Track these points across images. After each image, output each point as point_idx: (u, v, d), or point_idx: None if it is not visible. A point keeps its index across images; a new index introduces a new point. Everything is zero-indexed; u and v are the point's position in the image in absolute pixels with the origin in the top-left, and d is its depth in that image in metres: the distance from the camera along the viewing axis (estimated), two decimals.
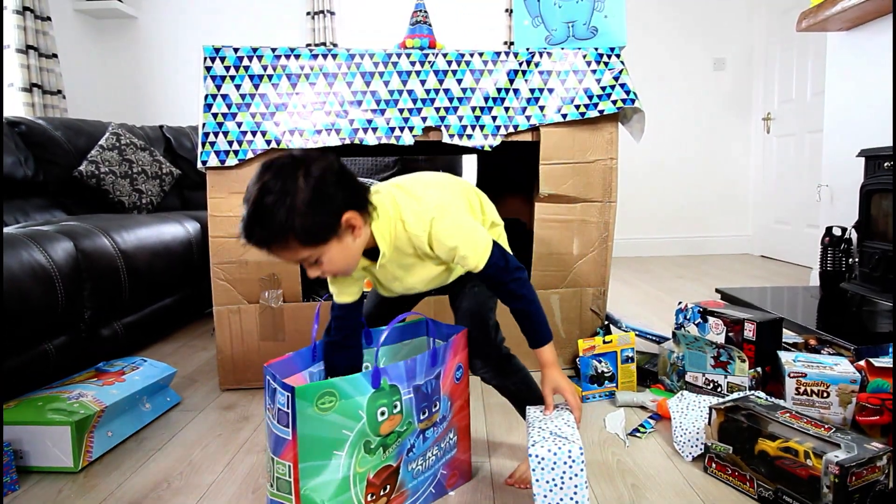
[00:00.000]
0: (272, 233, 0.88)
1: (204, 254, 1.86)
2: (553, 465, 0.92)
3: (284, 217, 0.86)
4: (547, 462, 0.92)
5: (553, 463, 0.92)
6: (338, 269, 0.97)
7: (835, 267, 2.37)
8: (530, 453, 0.93)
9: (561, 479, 0.92)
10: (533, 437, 0.96)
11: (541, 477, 0.92)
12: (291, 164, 0.90)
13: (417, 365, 1.00)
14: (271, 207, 0.86)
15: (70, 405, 1.27)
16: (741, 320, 1.48)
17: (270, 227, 0.87)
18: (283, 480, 0.86)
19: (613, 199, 1.73)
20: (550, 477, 0.92)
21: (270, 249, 0.90)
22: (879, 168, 2.01)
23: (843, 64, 2.67)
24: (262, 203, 0.87)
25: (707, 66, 4.08)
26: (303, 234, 0.88)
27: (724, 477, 1.14)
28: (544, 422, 1.02)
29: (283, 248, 0.90)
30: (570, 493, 0.93)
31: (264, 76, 1.60)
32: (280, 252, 0.91)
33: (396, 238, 1.01)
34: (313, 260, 0.93)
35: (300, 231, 0.88)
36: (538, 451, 0.92)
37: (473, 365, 1.15)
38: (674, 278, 3.29)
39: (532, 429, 1.00)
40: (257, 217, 0.88)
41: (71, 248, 1.62)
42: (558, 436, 0.96)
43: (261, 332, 1.67)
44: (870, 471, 0.95)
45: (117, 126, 2.67)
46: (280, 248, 0.90)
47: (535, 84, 1.68)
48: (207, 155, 1.59)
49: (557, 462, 0.92)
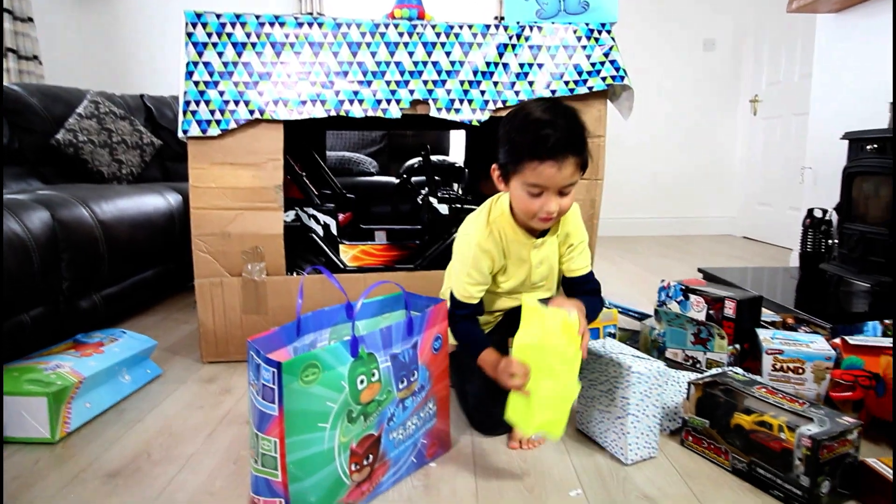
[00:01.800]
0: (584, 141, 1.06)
1: (185, 226, 1.83)
2: (647, 379, 1.10)
3: (586, 134, 1.07)
4: (642, 376, 1.09)
5: (647, 377, 1.10)
6: (566, 208, 1.11)
7: (815, 248, 2.40)
8: (632, 371, 1.08)
9: (650, 389, 1.11)
10: (626, 361, 1.11)
11: (637, 390, 1.10)
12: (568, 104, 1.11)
13: (393, 333, 1.00)
14: (581, 123, 1.07)
15: (47, 376, 1.25)
16: (722, 298, 1.50)
17: (583, 136, 1.06)
18: (268, 456, 0.86)
19: (600, 177, 1.73)
20: (643, 388, 1.10)
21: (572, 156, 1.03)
22: (862, 151, 2.03)
23: (831, 46, 2.68)
24: (575, 115, 1.08)
25: (697, 46, 4.07)
26: (586, 159, 1.08)
27: (700, 450, 1.16)
28: (613, 348, 1.18)
29: (576, 161, 1.05)
30: (653, 400, 1.12)
31: (248, 44, 1.56)
32: (570, 163, 1.03)
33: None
34: (568, 189, 1.08)
35: (586, 153, 1.07)
36: (639, 369, 1.09)
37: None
38: (657, 258, 3.32)
39: (614, 356, 1.14)
40: (573, 124, 1.06)
41: (48, 217, 1.58)
42: (640, 357, 1.14)
43: (243, 305, 1.66)
44: (840, 444, 0.97)
45: (96, 94, 2.60)
46: (576, 158, 1.04)
47: (524, 59, 1.66)
48: (188, 124, 1.55)
49: (650, 376, 1.10)
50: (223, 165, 1.60)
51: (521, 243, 1.18)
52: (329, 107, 1.59)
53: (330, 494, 0.92)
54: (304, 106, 1.59)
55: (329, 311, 1.08)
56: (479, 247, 1.16)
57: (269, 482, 0.87)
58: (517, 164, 1.06)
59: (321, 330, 1.07)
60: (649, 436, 1.14)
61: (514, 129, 1.07)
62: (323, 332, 1.07)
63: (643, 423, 1.13)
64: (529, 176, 1.05)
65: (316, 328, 1.06)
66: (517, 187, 1.09)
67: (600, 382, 1.18)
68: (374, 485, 1.01)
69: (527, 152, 1.03)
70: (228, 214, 1.62)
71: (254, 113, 1.57)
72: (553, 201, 1.06)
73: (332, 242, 1.87)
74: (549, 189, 1.06)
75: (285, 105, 1.58)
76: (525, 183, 1.07)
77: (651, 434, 1.14)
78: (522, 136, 1.05)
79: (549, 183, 1.04)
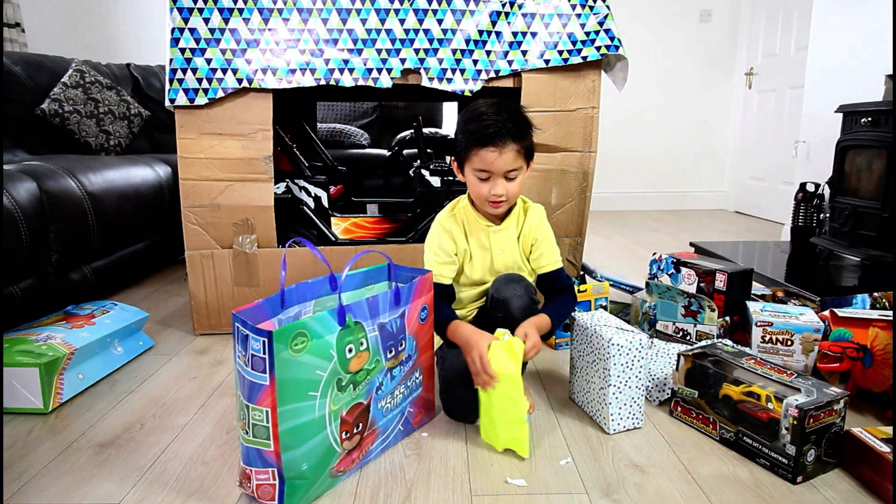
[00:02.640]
0: (523, 131, 1.15)
1: (175, 199, 1.81)
2: (628, 351, 1.11)
3: (528, 126, 1.18)
4: (623, 348, 1.11)
5: (628, 349, 1.11)
6: (513, 193, 1.19)
7: (806, 222, 2.41)
8: (612, 343, 1.10)
9: (632, 361, 1.12)
10: (606, 333, 1.13)
11: (617, 361, 1.11)
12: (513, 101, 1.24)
13: (380, 303, 1.01)
14: (523, 116, 1.18)
15: (38, 347, 1.25)
16: (713, 271, 1.50)
17: (522, 126, 1.16)
18: (259, 426, 0.86)
19: (593, 149, 1.72)
20: (624, 360, 1.12)
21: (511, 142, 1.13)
22: (856, 124, 2.02)
23: (828, 18, 2.65)
24: (518, 110, 1.19)
25: (693, 17, 4.02)
26: (526, 146, 1.17)
27: (689, 420, 1.18)
28: (599, 320, 1.20)
29: (516, 148, 1.14)
30: (636, 372, 1.13)
31: (234, 10, 1.52)
32: (510, 149, 1.13)
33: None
34: (514, 175, 1.16)
35: (527, 141, 1.17)
36: (618, 341, 1.11)
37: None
38: (649, 232, 3.33)
39: (598, 328, 1.16)
40: (514, 116, 1.15)
41: (35, 188, 1.56)
42: (624, 329, 1.15)
43: (235, 277, 1.65)
44: (827, 413, 0.99)
45: (81, 63, 2.54)
46: (515, 145, 1.13)
47: (517, 27, 1.63)
48: (175, 93, 1.52)
49: (631, 349, 1.11)
50: (212, 136, 1.57)
51: (481, 229, 1.26)
52: (319, 76, 1.56)
53: (321, 462, 0.93)
54: (293, 75, 1.56)
55: (313, 283, 1.07)
56: (441, 226, 1.26)
57: (262, 452, 0.87)
58: (467, 153, 1.17)
59: (305, 302, 1.06)
60: (633, 407, 1.15)
61: (463, 122, 1.20)
62: (307, 304, 1.06)
63: (626, 394, 1.14)
64: (476, 162, 1.16)
65: (300, 300, 1.05)
66: (469, 174, 1.20)
67: (587, 353, 1.19)
68: (363, 453, 1.03)
69: (472, 140, 1.15)
70: (218, 186, 1.60)
71: (242, 81, 1.54)
72: (499, 185, 1.16)
73: (323, 215, 1.85)
74: (494, 173, 1.16)
75: (274, 74, 1.55)
76: (473, 169, 1.17)
77: (635, 405, 1.15)
78: (469, 126, 1.16)
79: (492, 167, 1.15)
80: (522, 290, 1.18)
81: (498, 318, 1.18)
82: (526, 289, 1.19)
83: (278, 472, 0.87)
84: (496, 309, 1.19)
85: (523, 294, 1.18)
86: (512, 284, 1.19)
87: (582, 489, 0.98)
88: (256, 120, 1.58)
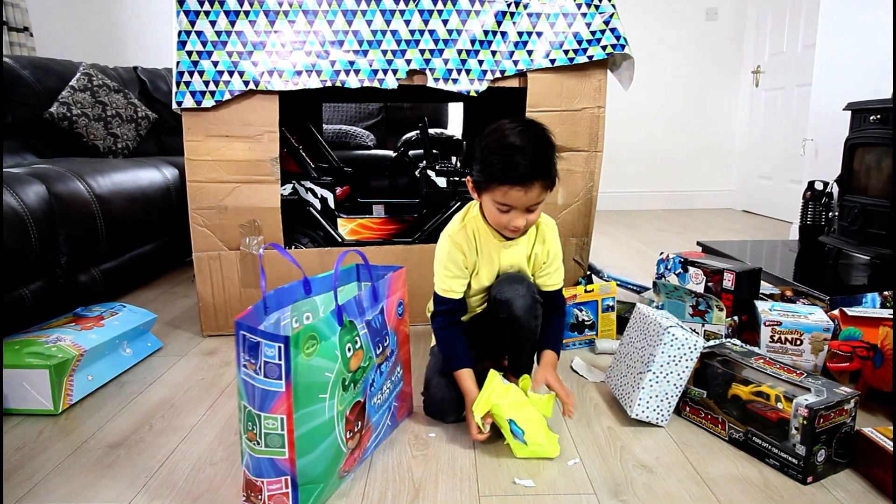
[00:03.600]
0: (551, 166, 1.10)
1: (182, 201, 1.82)
2: (680, 346, 1.11)
3: (554, 156, 1.11)
4: (677, 342, 1.11)
5: (681, 345, 1.11)
6: (532, 222, 1.15)
7: (814, 221, 2.39)
8: (668, 331, 1.11)
9: (680, 357, 1.12)
10: (665, 322, 1.13)
11: (666, 351, 1.11)
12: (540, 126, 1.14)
13: (364, 300, 1.02)
14: (550, 145, 1.11)
15: (48, 349, 1.26)
16: (721, 270, 1.50)
17: (550, 162, 1.10)
18: (273, 435, 0.84)
19: (600, 148, 1.71)
20: (673, 354, 1.12)
21: (539, 182, 1.08)
22: (865, 122, 2.01)
23: (836, 15, 2.63)
24: (546, 138, 1.11)
25: (699, 16, 4.00)
26: (553, 178, 1.11)
27: (697, 420, 1.17)
28: (662, 315, 1.19)
29: (543, 184, 1.09)
30: (680, 370, 1.13)
31: (241, 12, 1.53)
32: (536, 187, 1.08)
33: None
34: (535, 207, 1.12)
35: (554, 173, 1.11)
36: (676, 333, 1.11)
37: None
38: (656, 231, 3.31)
39: (658, 317, 1.16)
40: (542, 150, 1.09)
41: (44, 191, 1.57)
42: (685, 327, 1.14)
43: (242, 279, 1.66)
44: (837, 413, 0.98)
45: (89, 66, 2.56)
46: (542, 182, 1.09)
47: (523, 27, 1.63)
48: (182, 95, 1.53)
49: (684, 346, 1.12)
50: (218, 138, 1.58)
51: (492, 244, 1.22)
52: (324, 77, 1.57)
53: (331, 465, 0.93)
54: (300, 76, 1.56)
55: (288, 289, 1.05)
56: (451, 239, 1.21)
57: (275, 461, 0.85)
58: (488, 185, 1.11)
59: (282, 308, 1.04)
60: (663, 401, 1.15)
61: (487, 148, 1.11)
62: (284, 309, 1.04)
63: (661, 386, 1.14)
64: (498, 196, 1.10)
65: (278, 307, 1.02)
66: (487, 202, 1.14)
67: (637, 340, 1.21)
68: (362, 451, 1.03)
69: (496, 177, 1.08)
70: (225, 187, 1.60)
71: (248, 84, 1.54)
72: (520, 218, 1.12)
73: (329, 216, 1.86)
74: (516, 208, 1.11)
75: (280, 76, 1.55)
76: (494, 201, 1.12)
77: (665, 401, 1.15)
78: (494, 158, 1.09)
79: (516, 204, 1.10)
80: (525, 289, 1.17)
81: (501, 319, 1.18)
82: (528, 288, 1.18)
83: (292, 479, 0.86)
84: (499, 310, 1.18)
85: (526, 293, 1.17)
86: (514, 285, 1.18)
87: (590, 489, 0.97)
88: (263, 122, 1.59)
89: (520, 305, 1.16)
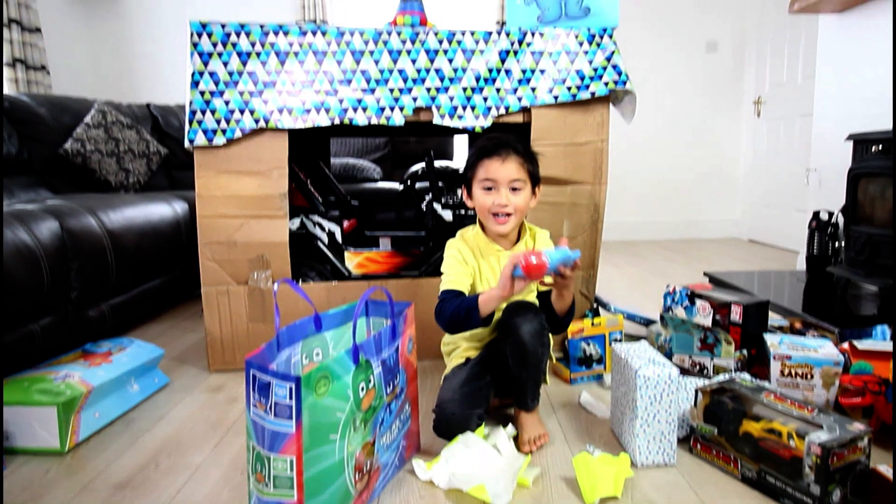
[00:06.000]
0: (526, 150, 1.29)
1: (192, 234, 1.84)
2: (655, 385, 1.11)
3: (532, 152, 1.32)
4: (652, 381, 1.11)
5: (655, 384, 1.11)
6: (518, 207, 1.27)
7: (821, 251, 2.39)
8: (639, 374, 1.11)
9: (660, 394, 1.12)
10: (635, 364, 1.13)
11: (644, 393, 1.12)
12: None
13: (382, 338, 1.02)
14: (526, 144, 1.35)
15: (56, 386, 1.26)
16: (728, 303, 1.49)
17: (526, 147, 1.30)
18: (282, 477, 0.83)
19: (604, 181, 1.73)
20: (652, 393, 1.12)
21: (514, 154, 1.25)
22: (867, 152, 2.02)
23: (834, 47, 2.67)
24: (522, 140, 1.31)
25: (700, 48, 4.06)
26: (530, 165, 1.28)
27: (709, 457, 1.15)
28: (635, 351, 1.20)
29: (519, 161, 1.26)
30: (665, 406, 1.12)
31: (252, 53, 1.57)
32: (513, 160, 1.25)
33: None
34: (518, 186, 1.25)
35: (531, 162, 1.29)
36: (646, 373, 1.11)
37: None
38: (663, 262, 3.31)
39: (629, 359, 1.16)
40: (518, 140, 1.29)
41: (56, 227, 1.60)
42: (656, 362, 1.14)
43: (250, 313, 1.67)
44: (851, 451, 0.97)
45: (103, 103, 2.62)
46: (518, 158, 1.25)
47: (526, 65, 1.66)
48: (195, 133, 1.56)
49: (659, 383, 1.11)
50: (229, 174, 1.61)
51: (492, 253, 1.33)
52: (333, 115, 1.60)
53: None
54: (309, 114, 1.59)
55: (300, 325, 1.05)
56: (451, 247, 1.34)
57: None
58: (474, 169, 1.28)
59: (294, 344, 1.04)
60: (662, 442, 1.14)
61: (470, 154, 1.33)
62: (295, 346, 1.05)
63: (654, 427, 1.13)
64: (481, 173, 1.27)
65: (289, 343, 1.03)
66: (476, 189, 1.28)
67: (621, 384, 1.20)
68: (370, 492, 1.02)
69: (478, 155, 1.28)
70: (234, 223, 1.62)
71: (259, 122, 1.58)
72: (503, 195, 1.25)
73: (336, 250, 1.87)
74: (498, 182, 1.25)
75: (290, 113, 1.59)
76: (479, 181, 1.27)
77: (665, 441, 1.14)
78: (475, 149, 1.30)
79: (496, 175, 1.24)
80: (533, 315, 1.20)
81: (508, 343, 1.20)
82: (536, 314, 1.21)
83: None
84: (507, 334, 1.21)
85: (533, 319, 1.19)
86: (522, 310, 1.21)
87: None
88: (272, 158, 1.62)
89: (527, 330, 1.18)
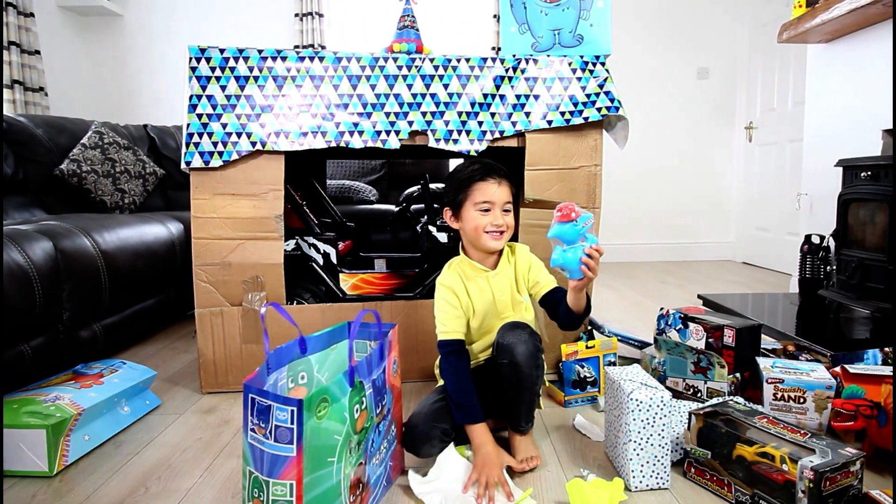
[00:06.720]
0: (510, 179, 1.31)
1: (187, 255, 1.84)
2: (648, 407, 1.11)
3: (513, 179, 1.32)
4: (644, 404, 1.11)
5: (647, 407, 1.11)
6: (510, 226, 1.29)
7: (813, 274, 2.41)
8: (631, 398, 1.11)
9: (653, 418, 1.12)
10: (627, 387, 1.14)
11: (637, 416, 1.12)
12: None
13: (373, 359, 1.03)
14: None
15: (46, 408, 1.25)
16: (721, 326, 1.50)
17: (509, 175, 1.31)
18: (282, 502, 0.83)
19: (598, 205, 1.75)
20: (645, 417, 1.12)
21: (506, 179, 1.29)
22: (857, 178, 2.05)
23: (822, 75, 2.72)
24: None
25: (691, 75, 4.14)
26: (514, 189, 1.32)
27: (703, 481, 1.15)
28: (628, 374, 1.21)
29: (509, 186, 1.29)
30: (658, 429, 1.12)
31: (250, 77, 1.59)
32: (505, 184, 1.28)
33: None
34: (508, 208, 1.28)
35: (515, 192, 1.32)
36: (638, 396, 1.11)
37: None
38: (657, 284, 3.32)
39: (622, 382, 1.17)
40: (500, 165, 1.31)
41: (50, 248, 1.60)
42: (648, 385, 1.15)
43: (243, 335, 1.66)
44: (843, 475, 0.97)
45: (100, 125, 2.64)
46: (508, 183, 1.29)
47: (521, 90, 1.69)
48: (191, 156, 1.58)
49: (651, 406, 1.11)
50: (225, 196, 1.62)
51: (479, 276, 1.33)
52: (329, 138, 1.62)
53: None
54: (305, 137, 1.61)
55: (286, 348, 1.05)
56: (442, 284, 1.33)
57: None
58: (466, 191, 1.28)
59: (280, 368, 1.04)
60: (656, 466, 1.13)
61: (453, 178, 1.32)
62: (282, 370, 1.04)
63: (648, 451, 1.13)
64: (477, 195, 1.27)
65: (277, 366, 1.03)
66: (469, 211, 1.28)
67: (614, 407, 1.20)
68: None
69: (471, 178, 1.28)
70: (229, 244, 1.63)
71: (255, 144, 1.59)
72: (499, 215, 1.27)
73: (332, 271, 1.88)
74: (496, 204, 1.26)
75: (286, 137, 1.60)
76: (475, 203, 1.27)
77: (658, 464, 1.13)
78: (463, 173, 1.30)
79: (494, 197, 1.26)
80: (528, 336, 1.21)
81: (503, 364, 1.20)
82: (531, 335, 1.22)
83: None
84: (501, 355, 1.21)
85: (528, 340, 1.21)
86: (517, 331, 1.22)
87: None
88: (268, 180, 1.63)
89: (521, 351, 1.19)
